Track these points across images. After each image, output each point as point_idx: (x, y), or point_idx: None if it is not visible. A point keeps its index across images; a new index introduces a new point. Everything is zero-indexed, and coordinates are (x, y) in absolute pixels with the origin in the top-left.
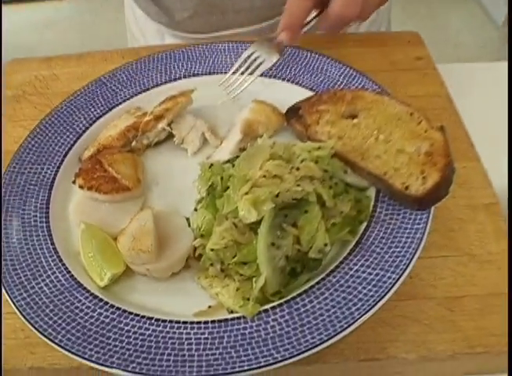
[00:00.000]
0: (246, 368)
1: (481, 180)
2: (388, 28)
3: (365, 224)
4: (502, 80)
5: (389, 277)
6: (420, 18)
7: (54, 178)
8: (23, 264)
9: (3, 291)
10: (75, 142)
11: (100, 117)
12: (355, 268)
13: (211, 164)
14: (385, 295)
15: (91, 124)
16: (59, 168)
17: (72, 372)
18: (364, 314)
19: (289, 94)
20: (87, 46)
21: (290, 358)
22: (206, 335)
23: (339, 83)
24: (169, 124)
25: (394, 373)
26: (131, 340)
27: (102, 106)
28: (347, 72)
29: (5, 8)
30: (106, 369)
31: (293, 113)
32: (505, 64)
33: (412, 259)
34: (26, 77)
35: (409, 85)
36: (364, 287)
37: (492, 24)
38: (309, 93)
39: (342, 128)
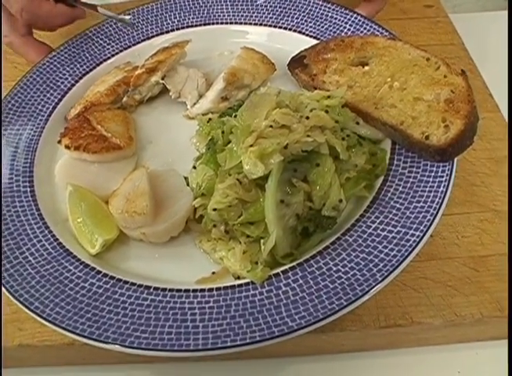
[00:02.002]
0: (258, 339)
1: (501, 131)
2: None
3: (382, 178)
4: None
5: (412, 235)
6: None
7: (38, 140)
8: (6, 232)
9: None
10: (60, 100)
11: (87, 72)
12: (374, 226)
13: (209, 119)
14: (409, 255)
15: (77, 81)
16: (43, 128)
17: (64, 349)
18: (387, 276)
19: (291, 43)
20: None
21: (307, 326)
22: (211, 304)
23: (345, 30)
24: (162, 78)
25: (417, 339)
26: (127, 312)
27: (88, 61)
28: (354, 19)
29: None
30: (101, 344)
31: (298, 62)
32: None
33: (436, 215)
34: None
35: (421, 34)
36: (385, 247)
37: None
38: (314, 42)
39: (352, 77)
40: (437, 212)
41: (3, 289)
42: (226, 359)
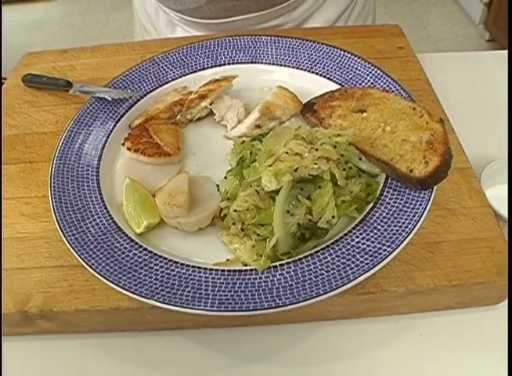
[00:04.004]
0: (251, 308)
1: (455, 148)
2: (373, 21)
3: (371, 204)
4: (473, 66)
5: (384, 250)
6: (402, 17)
7: (106, 140)
8: (75, 208)
9: (57, 228)
10: (127, 111)
11: (151, 91)
12: (357, 240)
13: (243, 141)
14: (378, 264)
15: (142, 97)
16: (111, 131)
17: (111, 312)
18: (357, 277)
19: (319, 86)
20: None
21: (289, 305)
22: (221, 280)
23: (366, 81)
24: (210, 104)
25: (387, 307)
26: (158, 277)
27: (153, 82)
28: (374, 72)
29: None
30: (136, 297)
31: (309, 108)
32: (476, 53)
33: (407, 237)
34: (44, 68)
35: (394, 71)
36: (362, 256)
37: (469, 22)
38: (338, 87)
39: (352, 121)
40: (407, 235)
41: (70, 248)
42: (235, 326)
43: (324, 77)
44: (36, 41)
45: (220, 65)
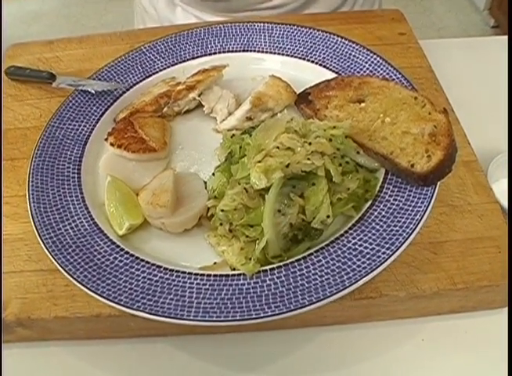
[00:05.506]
0: (238, 318)
1: (460, 140)
2: (381, 7)
3: (369, 202)
4: (477, 52)
5: (383, 252)
6: (405, 4)
7: (89, 135)
8: (54, 208)
9: (34, 229)
10: (112, 104)
11: (137, 83)
12: (354, 241)
13: (233, 135)
14: (377, 268)
15: (128, 89)
16: (94, 126)
17: (92, 320)
18: (354, 283)
19: (315, 75)
20: None
21: (279, 314)
22: (207, 286)
23: (364, 69)
24: (199, 95)
25: (387, 312)
26: (139, 283)
27: (140, 73)
28: (373, 59)
29: None
30: (115, 305)
31: (303, 98)
32: (481, 39)
33: (407, 238)
34: (29, 59)
35: (395, 58)
36: (359, 259)
37: (474, 8)
38: (334, 76)
39: (350, 112)
40: (408, 236)
41: (46, 252)
42: (223, 333)
43: (320, 65)
44: (33, 33)
45: (210, 54)
